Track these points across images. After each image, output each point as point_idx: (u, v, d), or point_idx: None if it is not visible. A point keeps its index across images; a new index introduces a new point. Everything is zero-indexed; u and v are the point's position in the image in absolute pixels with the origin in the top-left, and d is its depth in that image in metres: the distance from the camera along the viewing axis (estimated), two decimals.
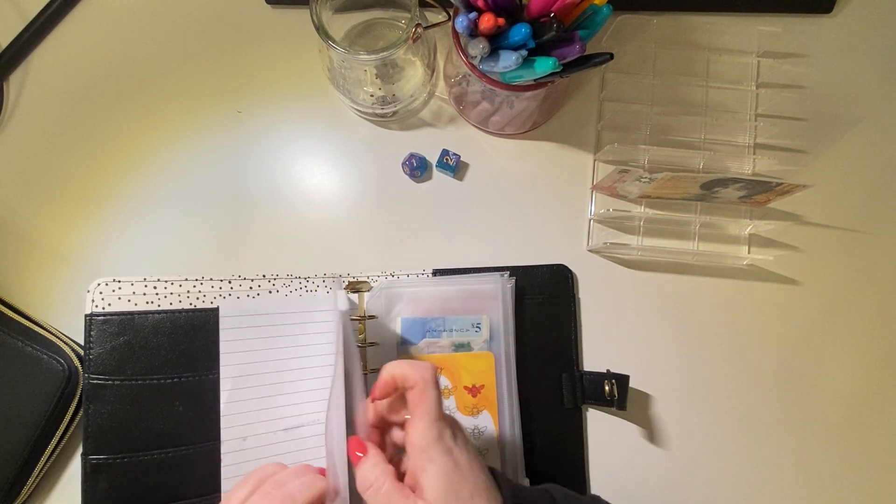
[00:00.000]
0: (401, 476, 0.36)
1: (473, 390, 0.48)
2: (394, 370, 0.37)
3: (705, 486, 0.50)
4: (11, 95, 0.54)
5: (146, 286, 0.48)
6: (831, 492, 0.50)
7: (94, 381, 0.46)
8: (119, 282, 0.47)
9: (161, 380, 0.47)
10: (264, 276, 0.50)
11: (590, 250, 0.53)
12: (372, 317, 0.48)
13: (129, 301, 0.47)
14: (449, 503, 0.33)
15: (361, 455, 0.36)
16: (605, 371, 0.50)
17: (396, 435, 0.39)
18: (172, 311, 0.48)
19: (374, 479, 0.35)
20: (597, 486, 0.50)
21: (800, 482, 0.51)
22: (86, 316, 0.47)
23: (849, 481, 0.51)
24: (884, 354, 0.52)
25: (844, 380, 0.52)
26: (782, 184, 0.45)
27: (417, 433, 0.35)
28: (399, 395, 0.38)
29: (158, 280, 0.48)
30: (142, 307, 0.48)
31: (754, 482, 0.50)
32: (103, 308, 0.47)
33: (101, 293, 0.47)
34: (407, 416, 0.37)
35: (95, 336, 0.46)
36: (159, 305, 0.48)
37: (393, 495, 0.34)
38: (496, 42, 0.43)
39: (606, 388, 0.49)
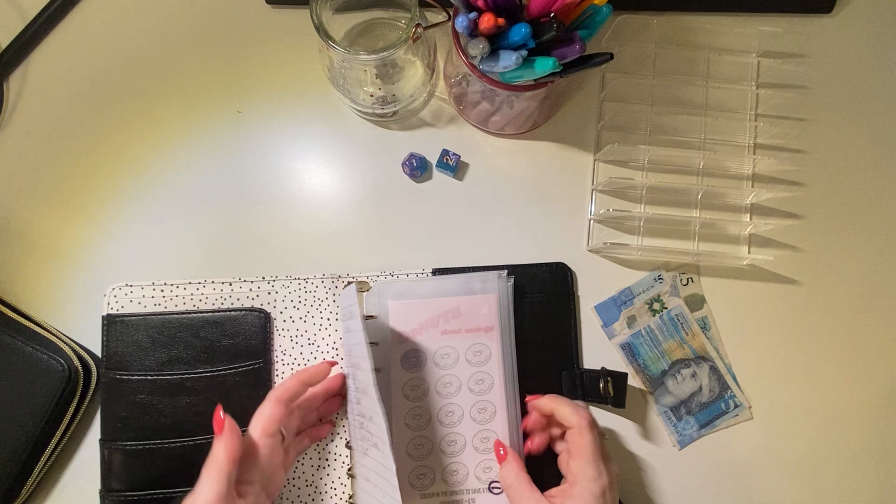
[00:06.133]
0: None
1: None
2: (555, 407, 0.44)
3: (707, 486, 0.50)
4: (11, 95, 0.54)
5: (154, 289, 0.50)
6: (828, 492, 0.51)
7: (112, 376, 0.49)
8: (131, 286, 0.50)
9: (167, 376, 0.49)
10: (263, 277, 0.50)
11: (590, 250, 0.53)
12: (371, 317, 0.48)
13: (139, 304, 0.50)
14: None
15: (504, 455, 0.45)
16: (599, 368, 0.50)
17: (555, 431, 0.47)
18: (177, 313, 0.50)
19: (513, 481, 0.43)
20: None
21: (799, 480, 0.51)
22: (103, 317, 0.49)
23: (850, 483, 0.51)
24: (884, 354, 0.52)
25: (845, 380, 0.52)
26: None
27: (574, 468, 0.41)
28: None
29: (165, 284, 0.50)
30: (150, 309, 0.50)
31: (754, 479, 0.50)
32: (117, 310, 0.50)
33: (115, 296, 0.50)
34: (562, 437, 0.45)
35: (112, 335, 0.49)
36: (165, 307, 0.50)
37: (526, 496, 0.41)
38: (496, 42, 0.43)
39: (601, 385, 0.49)
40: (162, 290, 0.50)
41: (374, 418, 0.43)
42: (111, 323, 0.49)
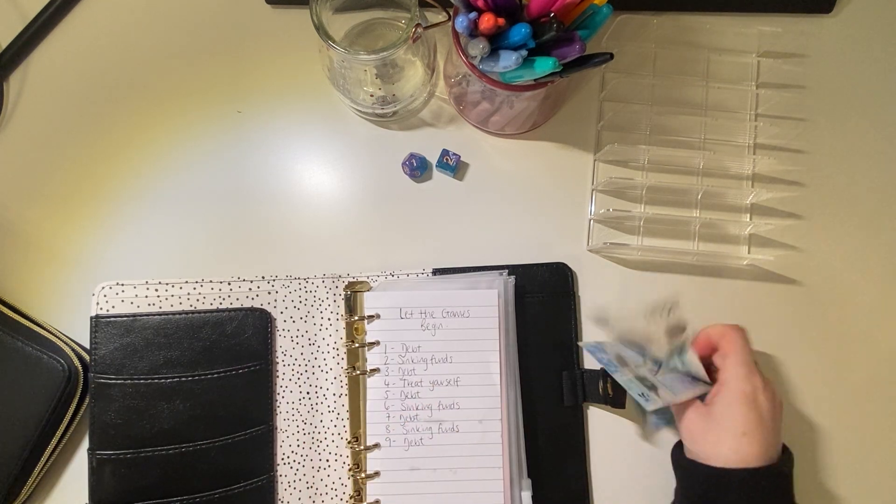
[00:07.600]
0: None
1: None
2: (710, 331, 0.45)
3: None
4: (11, 95, 0.54)
5: (147, 289, 0.49)
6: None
7: (100, 381, 0.47)
8: (122, 285, 0.49)
9: (162, 380, 0.47)
10: (263, 277, 0.50)
11: (590, 250, 0.53)
12: (371, 317, 0.48)
13: (131, 303, 0.49)
14: (722, 419, 0.41)
15: None
16: (599, 369, 0.50)
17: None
18: (173, 313, 0.49)
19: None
20: (599, 485, 0.50)
21: (799, 481, 0.51)
22: (91, 318, 0.48)
23: (850, 483, 0.51)
24: (884, 355, 0.52)
25: (844, 381, 0.52)
26: None
27: (726, 369, 0.43)
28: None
29: (160, 283, 0.49)
30: (144, 309, 0.48)
31: None
32: (107, 310, 0.48)
33: (105, 296, 0.48)
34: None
35: (100, 337, 0.47)
36: (160, 307, 0.49)
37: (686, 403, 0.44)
38: (496, 42, 0.43)
39: (601, 385, 0.49)
40: (156, 290, 0.49)
41: (458, 403, 0.48)
42: (99, 324, 0.47)
